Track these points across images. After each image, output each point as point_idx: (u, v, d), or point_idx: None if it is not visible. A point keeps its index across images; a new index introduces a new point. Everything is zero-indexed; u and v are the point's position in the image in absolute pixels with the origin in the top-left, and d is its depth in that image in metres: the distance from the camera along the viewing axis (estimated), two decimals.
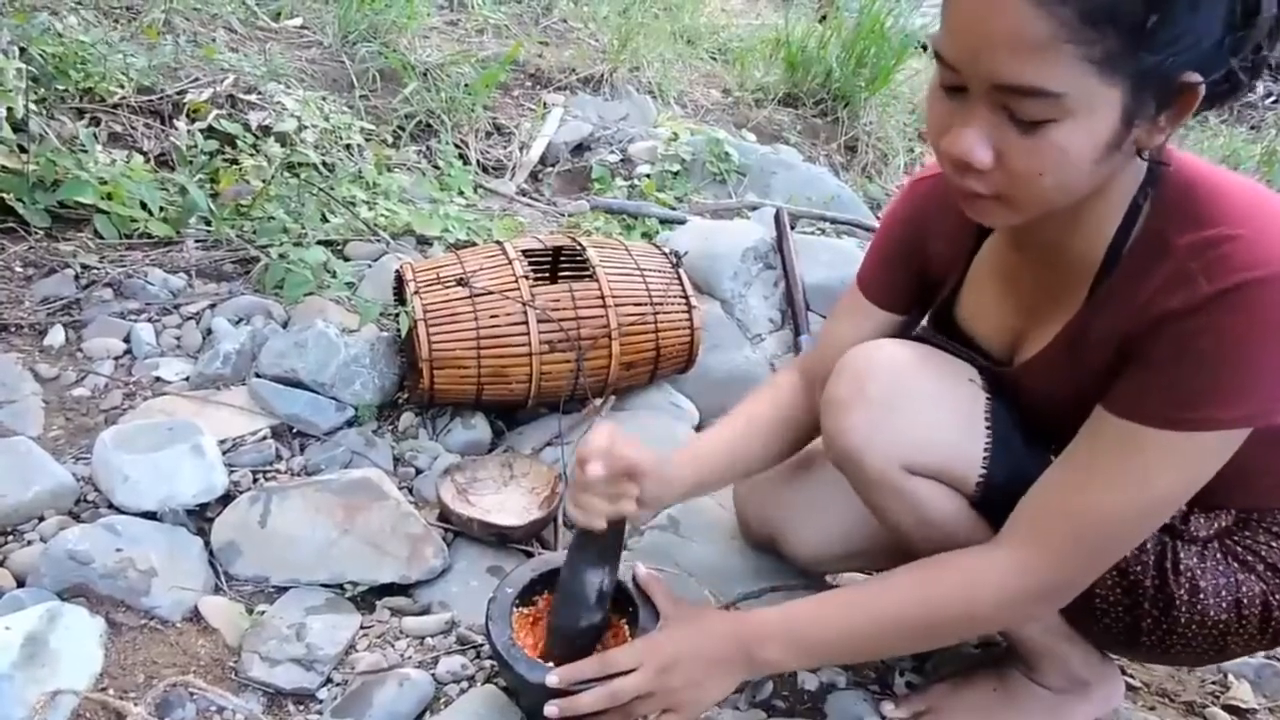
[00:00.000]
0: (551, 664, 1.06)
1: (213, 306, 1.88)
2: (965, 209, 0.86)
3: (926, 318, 1.16)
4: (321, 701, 1.15)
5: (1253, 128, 5.08)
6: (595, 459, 0.99)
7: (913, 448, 0.98)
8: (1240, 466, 0.87)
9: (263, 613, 1.25)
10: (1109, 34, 0.68)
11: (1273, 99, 5.13)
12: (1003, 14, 0.69)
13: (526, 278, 1.63)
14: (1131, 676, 1.32)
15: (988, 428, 0.99)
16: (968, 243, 1.06)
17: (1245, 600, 0.95)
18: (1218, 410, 0.79)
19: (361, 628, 1.26)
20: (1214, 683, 1.36)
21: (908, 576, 0.97)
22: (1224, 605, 0.95)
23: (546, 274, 1.87)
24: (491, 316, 1.60)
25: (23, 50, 2.10)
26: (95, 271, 1.90)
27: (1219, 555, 0.96)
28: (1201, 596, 0.95)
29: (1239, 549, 0.97)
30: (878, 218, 3.02)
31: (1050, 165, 0.75)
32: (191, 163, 2.17)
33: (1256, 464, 0.91)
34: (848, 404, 1.00)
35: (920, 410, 0.99)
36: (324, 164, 2.33)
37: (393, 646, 1.24)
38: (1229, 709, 1.30)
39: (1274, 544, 0.96)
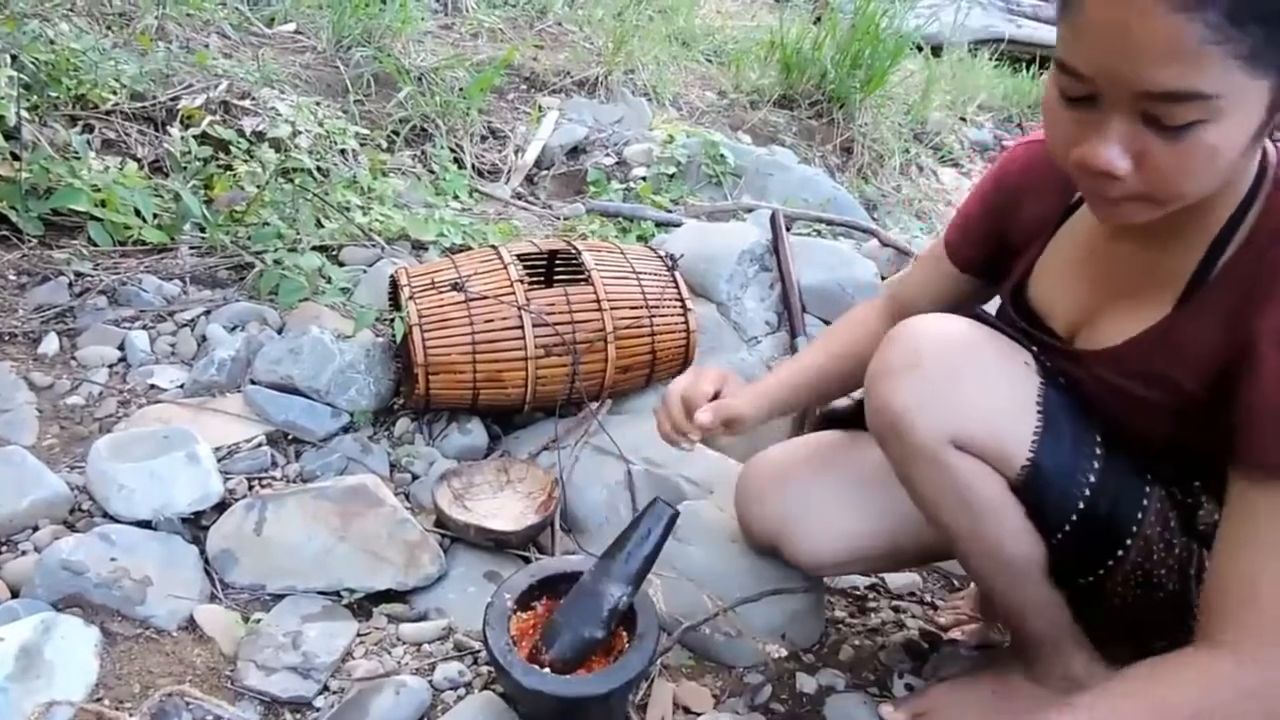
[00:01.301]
0: (547, 669, 1.05)
1: (207, 313, 1.88)
2: (1098, 214, 0.84)
3: (1000, 291, 1.14)
4: (318, 710, 1.15)
5: None
6: (703, 411, 1.20)
7: (962, 421, 0.96)
8: None
9: (259, 621, 1.24)
10: (1254, 30, 0.67)
11: None
12: (1148, 23, 0.68)
13: (521, 282, 1.63)
14: None
15: (1039, 411, 0.97)
16: (1055, 216, 1.05)
17: None
18: None
19: (358, 635, 1.26)
20: None
21: (1148, 685, 0.84)
22: None
23: (542, 278, 1.87)
24: (487, 321, 1.59)
25: (14, 58, 2.10)
26: (89, 279, 1.89)
27: None
28: None
29: None
30: (874, 219, 3.03)
31: (1200, 164, 0.74)
32: (185, 169, 2.17)
33: None
34: (899, 372, 0.98)
35: (972, 385, 0.97)
36: (318, 169, 2.33)
37: (389, 653, 1.24)
38: None
39: None
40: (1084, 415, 1.00)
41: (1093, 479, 0.97)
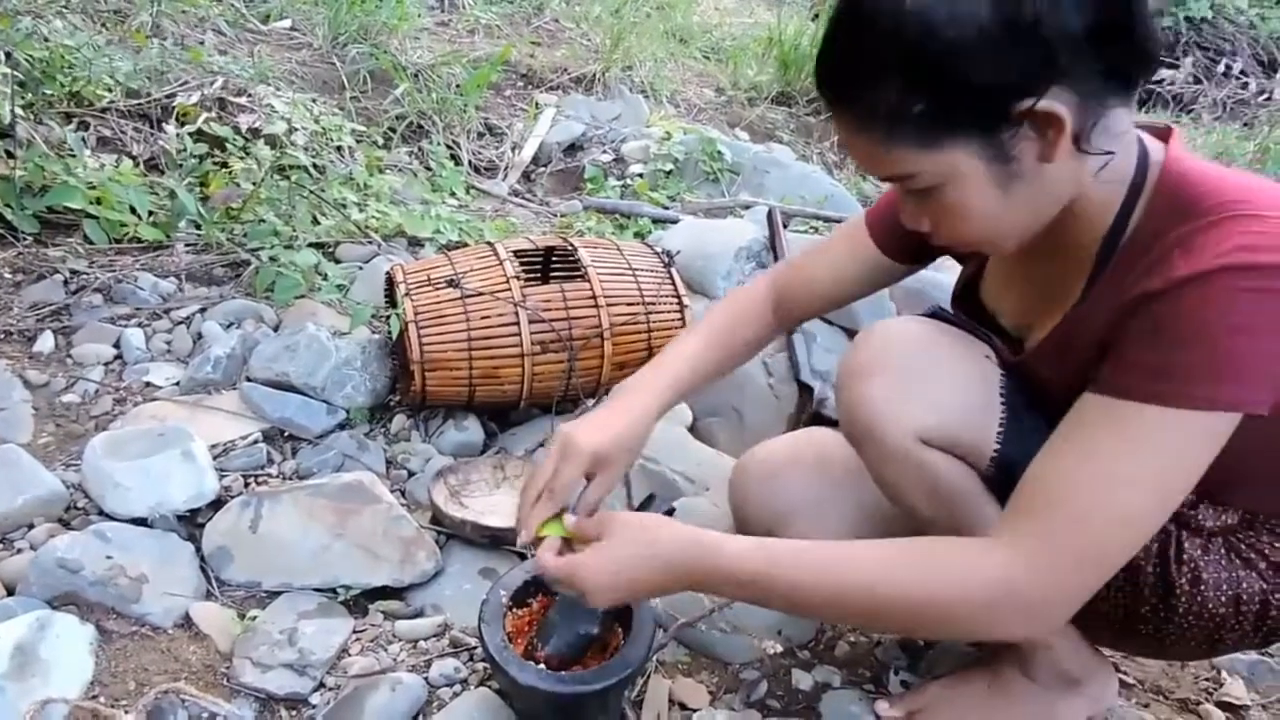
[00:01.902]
0: (543, 666, 1.05)
1: (203, 311, 1.88)
2: None
3: (951, 293, 1.16)
4: (314, 706, 1.15)
5: (1245, 124, 5.09)
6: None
7: (929, 418, 0.99)
8: (1245, 468, 0.88)
9: (254, 618, 1.24)
10: (906, 127, 0.81)
11: (1264, 96, 5.14)
12: (847, 139, 0.87)
13: (518, 278, 1.63)
14: (1125, 674, 1.32)
15: (1002, 403, 1.00)
16: None
17: (1245, 597, 0.95)
18: (1194, 387, 0.78)
19: (354, 632, 1.26)
20: (1207, 679, 1.36)
21: (900, 546, 0.89)
22: (1223, 599, 0.95)
23: (538, 275, 1.86)
24: (483, 318, 1.59)
25: (8, 55, 2.09)
26: (84, 277, 1.89)
27: (1222, 550, 0.97)
28: (1202, 588, 0.95)
29: (1242, 546, 0.97)
30: None
31: (960, 217, 0.86)
32: (181, 166, 2.16)
33: (1263, 469, 0.91)
34: (867, 374, 1.01)
35: (937, 382, 1.00)
36: (315, 166, 2.33)
37: (385, 650, 1.24)
38: (1222, 705, 1.29)
39: (1277, 544, 0.96)
40: (1042, 409, 1.01)
41: None
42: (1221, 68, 5.33)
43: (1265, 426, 0.81)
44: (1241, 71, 5.37)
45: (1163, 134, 0.90)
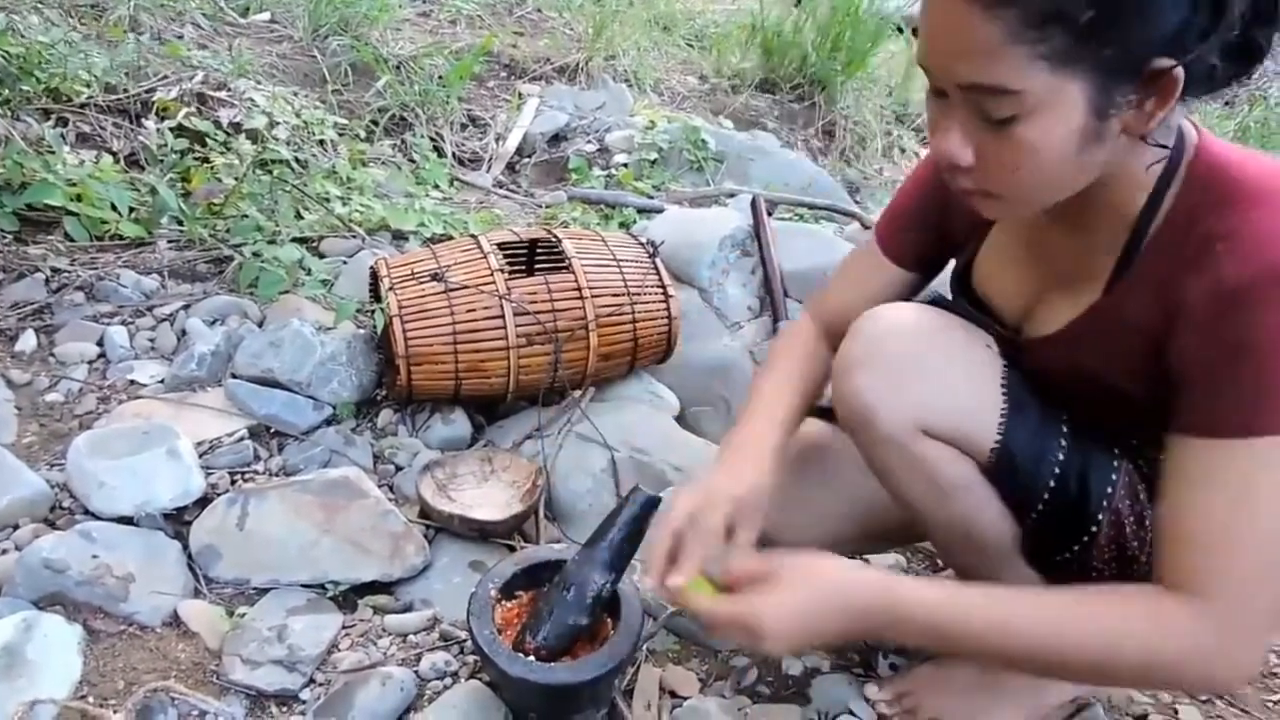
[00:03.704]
0: (532, 657, 1.06)
1: (187, 307, 1.86)
2: (967, 204, 0.89)
3: (948, 278, 1.15)
4: (305, 702, 1.15)
5: (1227, 104, 5.11)
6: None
7: (928, 408, 0.97)
8: None
9: (243, 615, 1.24)
10: (1054, 33, 0.71)
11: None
12: (957, 22, 0.74)
13: (502, 271, 1.63)
14: None
15: (1004, 393, 0.99)
16: None
17: None
18: None
19: (343, 627, 1.26)
20: None
21: (1086, 598, 0.86)
22: None
23: (523, 267, 1.86)
24: (468, 311, 1.59)
25: None
26: (66, 274, 1.87)
27: None
28: None
29: None
30: (856, 202, 3.03)
31: (1024, 160, 0.79)
32: (162, 162, 2.14)
33: None
34: (862, 364, 1.00)
35: (936, 372, 0.98)
36: (297, 160, 2.31)
37: (375, 645, 1.24)
38: None
39: None
40: (1043, 397, 1.01)
41: (1061, 457, 0.98)
42: None
43: None
44: None
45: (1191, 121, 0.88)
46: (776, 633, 0.87)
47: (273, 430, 1.59)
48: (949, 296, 1.13)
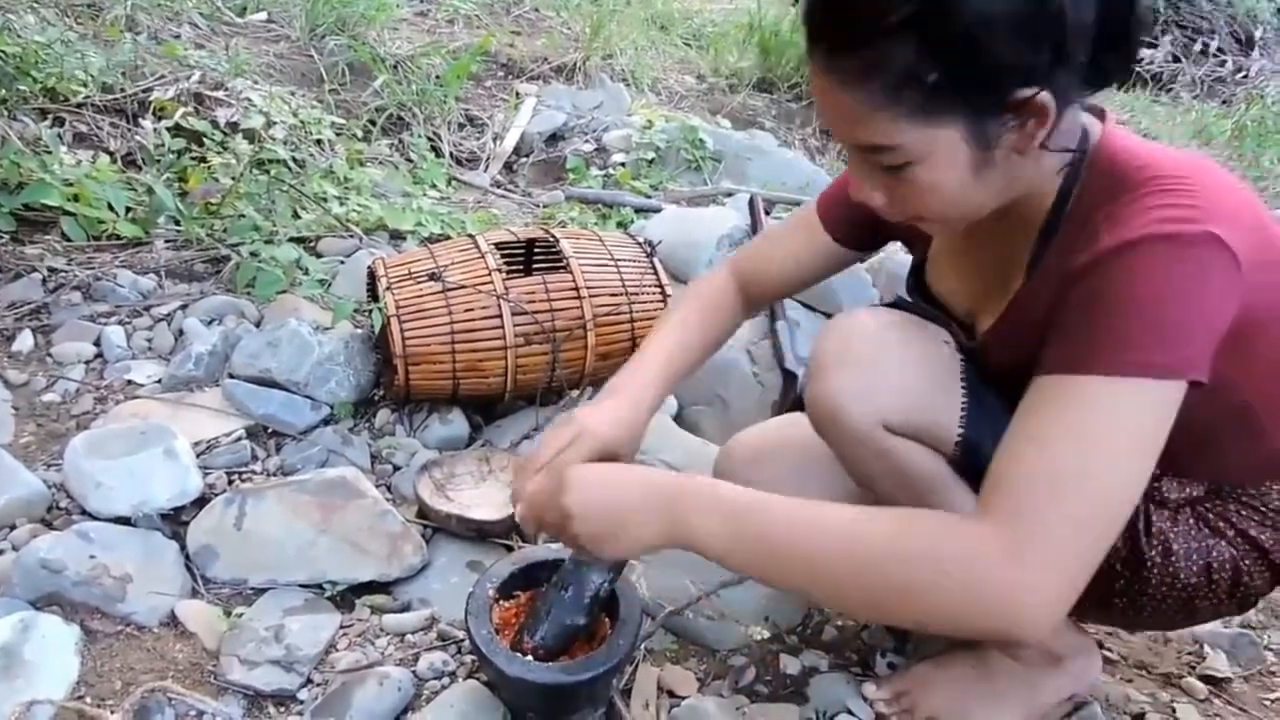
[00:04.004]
0: (530, 657, 1.06)
1: (184, 307, 1.86)
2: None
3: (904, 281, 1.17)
4: (302, 702, 1.15)
5: (1224, 102, 5.12)
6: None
7: (891, 406, 1.00)
8: (1206, 440, 0.90)
9: (241, 615, 1.24)
10: (910, 95, 0.77)
11: (1242, 74, 5.16)
12: (830, 97, 0.83)
13: (500, 271, 1.63)
14: (1108, 650, 1.34)
15: (963, 387, 1.02)
16: None
17: (1215, 565, 0.97)
18: (1135, 354, 0.78)
19: (341, 627, 1.26)
20: (1190, 653, 1.37)
21: (882, 513, 0.86)
22: (1195, 569, 0.97)
23: (520, 267, 1.86)
24: (466, 310, 1.59)
25: None
26: (63, 275, 1.87)
27: (1191, 521, 0.98)
28: (1174, 559, 0.97)
29: (1210, 516, 0.98)
30: None
31: (926, 196, 0.85)
32: (159, 162, 2.14)
33: (1223, 440, 0.93)
34: (832, 366, 1.03)
35: (898, 369, 1.01)
36: (294, 160, 2.31)
37: (373, 645, 1.24)
38: (1204, 679, 1.31)
39: (1244, 513, 0.98)
40: (1002, 388, 1.02)
41: None
42: (1199, 46, 5.36)
43: (1215, 396, 0.81)
44: (1219, 49, 5.40)
45: (1098, 113, 0.91)
46: (578, 488, 0.92)
47: (270, 430, 1.59)
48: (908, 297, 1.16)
